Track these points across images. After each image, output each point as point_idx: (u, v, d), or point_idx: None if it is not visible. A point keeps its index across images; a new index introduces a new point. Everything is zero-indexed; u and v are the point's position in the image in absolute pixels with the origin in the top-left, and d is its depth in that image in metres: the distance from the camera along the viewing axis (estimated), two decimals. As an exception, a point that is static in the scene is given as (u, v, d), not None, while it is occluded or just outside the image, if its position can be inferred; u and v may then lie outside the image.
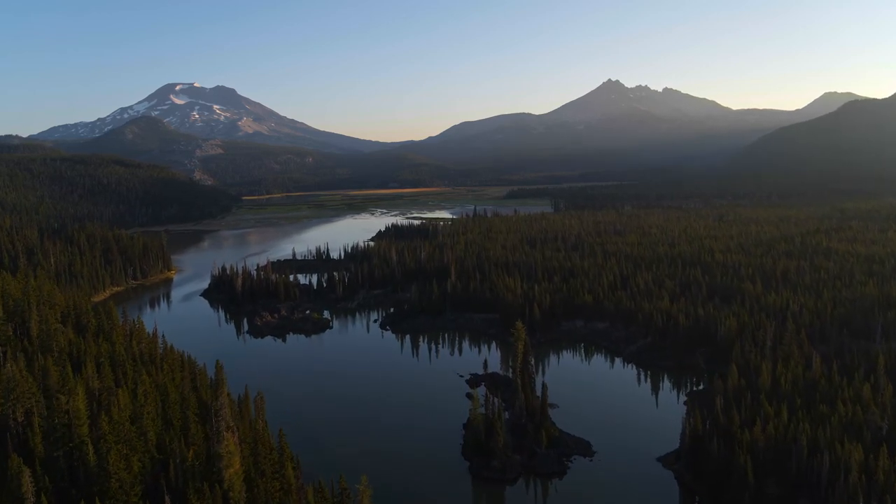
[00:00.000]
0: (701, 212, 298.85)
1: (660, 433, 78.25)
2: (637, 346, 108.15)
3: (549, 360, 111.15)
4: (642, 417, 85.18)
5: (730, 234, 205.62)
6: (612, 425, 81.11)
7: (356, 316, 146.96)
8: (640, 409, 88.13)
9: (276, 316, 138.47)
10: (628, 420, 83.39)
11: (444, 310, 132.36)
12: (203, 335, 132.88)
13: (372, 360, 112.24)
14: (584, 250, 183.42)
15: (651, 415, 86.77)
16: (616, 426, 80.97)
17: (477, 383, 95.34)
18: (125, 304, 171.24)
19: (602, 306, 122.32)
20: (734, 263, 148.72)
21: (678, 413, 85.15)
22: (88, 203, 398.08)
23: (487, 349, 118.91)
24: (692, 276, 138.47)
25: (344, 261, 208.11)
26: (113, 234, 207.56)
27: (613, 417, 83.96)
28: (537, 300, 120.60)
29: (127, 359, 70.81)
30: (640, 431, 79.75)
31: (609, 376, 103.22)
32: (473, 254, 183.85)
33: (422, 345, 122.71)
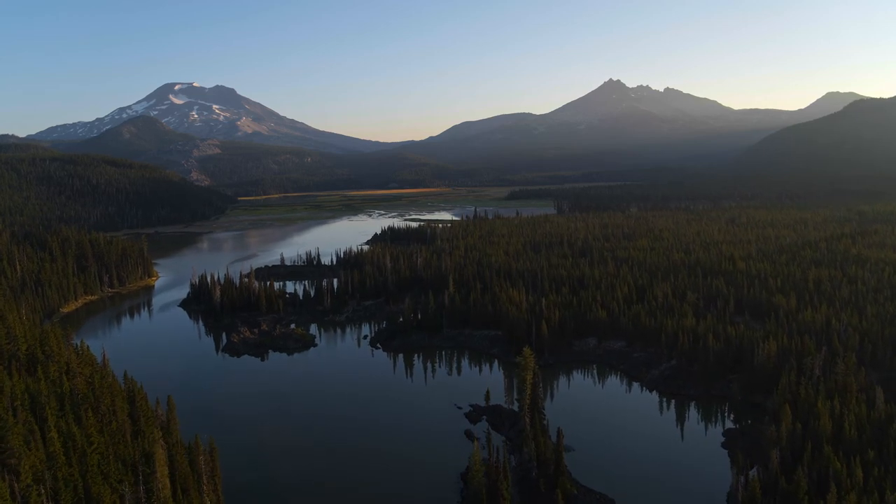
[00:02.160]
0: (711, 214, 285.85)
1: (696, 485, 65.43)
2: (659, 370, 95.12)
3: (560, 386, 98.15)
4: (673, 463, 72.11)
5: (747, 239, 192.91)
6: (639, 476, 67.97)
7: (345, 330, 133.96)
8: (670, 452, 75.00)
9: (256, 331, 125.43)
10: (658, 467, 70.18)
11: (440, 325, 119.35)
12: (173, 354, 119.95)
13: (358, 387, 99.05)
14: (593, 256, 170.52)
15: (683, 459, 73.73)
16: (643, 477, 67.79)
17: (478, 417, 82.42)
18: (95, 315, 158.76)
19: (618, 323, 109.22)
20: (759, 273, 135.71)
21: (715, 457, 72.33)
22: (76, 204, 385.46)
23: (489, 369, 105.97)
24: (715, 288, 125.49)
25: (335, 267, 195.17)
26: (89, 237, 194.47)
27: (639, 464, 70.79)
28: (545, 316, 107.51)
29: (50, 400, 57.86)
30: (673, 482, 66.74)
31: (629, 407, 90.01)
32: (474, 260, 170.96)
33: (416, 366, 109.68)
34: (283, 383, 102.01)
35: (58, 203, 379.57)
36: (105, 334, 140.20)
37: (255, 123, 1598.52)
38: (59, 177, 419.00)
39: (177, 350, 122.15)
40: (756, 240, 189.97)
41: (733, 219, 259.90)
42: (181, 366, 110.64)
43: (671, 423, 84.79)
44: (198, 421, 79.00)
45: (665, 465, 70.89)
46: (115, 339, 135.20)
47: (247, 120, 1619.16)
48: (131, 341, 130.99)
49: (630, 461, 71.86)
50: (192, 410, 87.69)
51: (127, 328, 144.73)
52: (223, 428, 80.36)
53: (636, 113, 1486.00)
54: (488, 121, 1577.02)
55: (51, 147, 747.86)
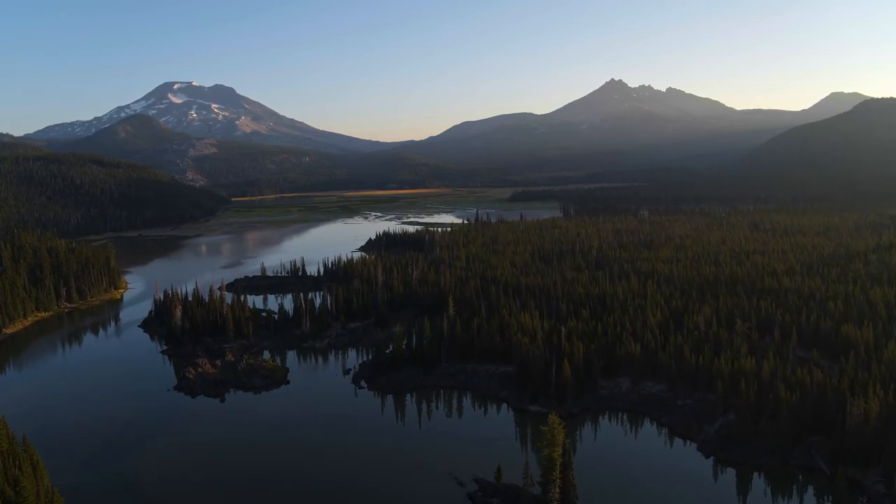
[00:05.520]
0: (730, 219, 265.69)
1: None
2: (714, 427, 74.87)
3: (588, 445, 77.95)
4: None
5: (780, 249, 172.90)
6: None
7: (327, 359, 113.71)
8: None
9: (219, 363, 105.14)
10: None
11: (438, 358, 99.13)
12: (115, 392, 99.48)
13: (331, 444, 78.84)
14: (611, 269, 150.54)
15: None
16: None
17: (485, 501, 62.37)
18: (44, 336, 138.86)
19: (655, 359, 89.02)
20: (812, 293, 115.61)
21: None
22: (57, 206, 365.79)
23: (498, 418, 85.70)
24: (765, 312, 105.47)
25: (322, 278, 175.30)
26: (49, 245, 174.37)
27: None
28: (567, 352, 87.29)
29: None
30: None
31: (679, 478, 69.61)
32: (476, 273, 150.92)
33: (408, 412, 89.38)
34: (237, 436, 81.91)
35: (37, 204, 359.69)
36: (45, 363, 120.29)
37: (255, 123, 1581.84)
38: (41, 176, 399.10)
39: (120, 386, 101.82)
40: (791, 249, 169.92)
41: (756, 224, 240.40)
42: (119, 410, 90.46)
43: (734, 501, 64.95)
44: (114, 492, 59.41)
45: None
46: (53, 369, 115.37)
47: (246, 119, 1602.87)
48: (71, 372, 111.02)
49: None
50: (111, 477, 68.50)
51: (73, 355, 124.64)
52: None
53: (638, 113, 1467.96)
54: (489, 121, 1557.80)
55: (45, 146, 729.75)
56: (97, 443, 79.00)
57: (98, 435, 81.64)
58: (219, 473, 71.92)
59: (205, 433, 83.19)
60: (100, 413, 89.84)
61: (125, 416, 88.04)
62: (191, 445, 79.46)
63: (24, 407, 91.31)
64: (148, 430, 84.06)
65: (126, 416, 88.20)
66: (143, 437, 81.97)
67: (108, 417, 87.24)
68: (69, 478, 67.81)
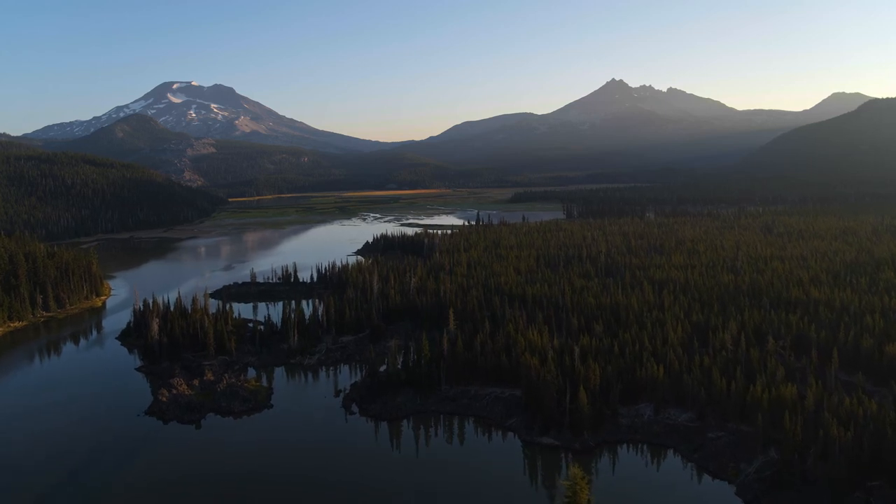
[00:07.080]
0: (741, 221, 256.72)
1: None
2: (755, 466, 65.36)
3: (604, 480, 68.55)
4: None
5: (799, 255, 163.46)
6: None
7: (316, 378, 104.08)
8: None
9: (197, 383, 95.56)
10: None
11: (437, 380, 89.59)
12: (83, 415, 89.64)
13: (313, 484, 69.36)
14: (622, 276, 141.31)
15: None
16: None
17: (493, 563, 53.04)
18: (15, 348, 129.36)
19: (681, 383, 79.48)
20: (846, 305, 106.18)
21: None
22: (47, 206, 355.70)
23: (505, 451, 76.29)
24: (797, 328, 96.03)
25: (315, 285, 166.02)
26: (25, 249, 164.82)
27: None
28: (582, 376, 77.80)
29: None
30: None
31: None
32: (479, 281, 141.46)
33: (404, 442, 79.83)
34: (208, 470, 72.43)
35: (26, 205, 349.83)
36: (12, 378, 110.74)
37: (254, 122, 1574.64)
38: (32, 177, 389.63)
39: (87, 410, 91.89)
40: (811, 255, 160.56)
41: (769, 227, 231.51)
42: (80, 440, 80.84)
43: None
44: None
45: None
46: (20, 386, 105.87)
47: (245, 119, 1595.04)
48: (35, 392, 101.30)
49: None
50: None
51: (41, 370, 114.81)
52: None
53: (639, 113, 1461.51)
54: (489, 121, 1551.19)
55: (43, 146, 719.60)
56: (51, 481, 69.53)
57: (54, 470, 72.23)
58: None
59: (173, 468, 73.59)
60: (59, 441, 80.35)
61: (86, 447, 78.46)
62: (155, 482, 69.94)
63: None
64: (111, 463, 74.50)
65: (88, 447, 78.64)
66: (105, 470, 72.55)
67: (66, 450, 77.67)
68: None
